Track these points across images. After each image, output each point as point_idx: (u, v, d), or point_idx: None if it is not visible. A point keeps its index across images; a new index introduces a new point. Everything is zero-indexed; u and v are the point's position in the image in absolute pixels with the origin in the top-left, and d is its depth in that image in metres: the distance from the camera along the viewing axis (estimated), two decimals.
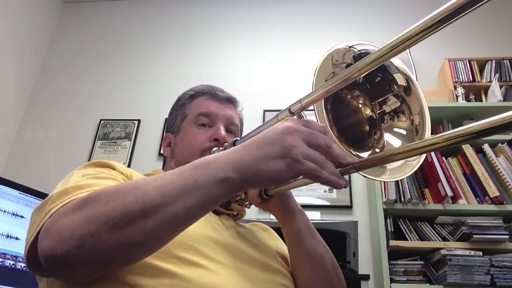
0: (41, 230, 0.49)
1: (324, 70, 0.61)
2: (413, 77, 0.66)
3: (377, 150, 0.65)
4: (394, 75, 0.65)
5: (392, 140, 0.65)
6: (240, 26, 2.95)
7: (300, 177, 0.51)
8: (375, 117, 0.67)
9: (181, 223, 0.49)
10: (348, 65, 0.62)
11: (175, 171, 0.50)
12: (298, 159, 0.47)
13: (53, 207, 0.52)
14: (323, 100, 0.59)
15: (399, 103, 0.65)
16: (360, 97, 0.68)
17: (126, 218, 0.46)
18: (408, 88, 0.65)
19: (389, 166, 0.60)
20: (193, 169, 0.49)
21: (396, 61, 0.66)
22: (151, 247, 0.50)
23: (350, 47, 0.63)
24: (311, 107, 0.58)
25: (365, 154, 0.64)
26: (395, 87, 0.66)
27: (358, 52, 0.63)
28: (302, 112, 0.58)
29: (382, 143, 0.65)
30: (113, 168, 0.67)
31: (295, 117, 0.58)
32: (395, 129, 0.65)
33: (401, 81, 0.66)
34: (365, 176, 0.56)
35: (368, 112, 0.67)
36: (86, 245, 0.45)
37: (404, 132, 0.65)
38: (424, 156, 0.60)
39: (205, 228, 0.67)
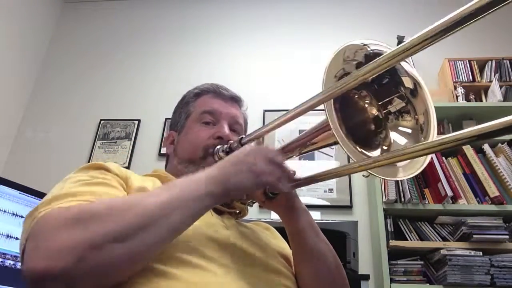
0: (27, 249, 0.49)
1: (334, 66, 0.60)
2: (422, 82, 0.66)
3: (385, 148, 0.65)
4: (402, 77, 0.66)
5: (398, 139, 0.66)
6: (240, 26, 2.95)
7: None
8: (380, 117, 0.67)
9: (178, 232, 0.56)
10: (358, 64, 0.62)
11: (168, 186, 0.60)
12: (263, 172, 0.61)
13: (40, 212, 0.52)
14: (332, 99, 0.59)
15: (404, 104, 0.66)
16: (367, 97, 0.68)
17: (127, 232, 0.49)
18: (415, 91, 0.66)
19: (400, 164, 0.61)
20: (188, 183, 0.58)
21: (406, 65, 0.66)
22: (151, 256, 0.54)
23: (364, 44, 0.63)
24: (321, 107, 0.58)
25: (373, 152, 0.65)
26: (402, 88, 0.66)
27: (371, 51, 0.63)
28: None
29: (389, 142, 0.66)
30: (107, 170, 0.66)
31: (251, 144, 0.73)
32: (400, 128, 0.66)
33: (408, 83, 0.66)
34: (377, 177, 0.57)
35: (374, 111, 0.68)
36: (89, 258, 0.46)
37: (409, 131, 0.65)
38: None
39: (207, 228, 0.67)
